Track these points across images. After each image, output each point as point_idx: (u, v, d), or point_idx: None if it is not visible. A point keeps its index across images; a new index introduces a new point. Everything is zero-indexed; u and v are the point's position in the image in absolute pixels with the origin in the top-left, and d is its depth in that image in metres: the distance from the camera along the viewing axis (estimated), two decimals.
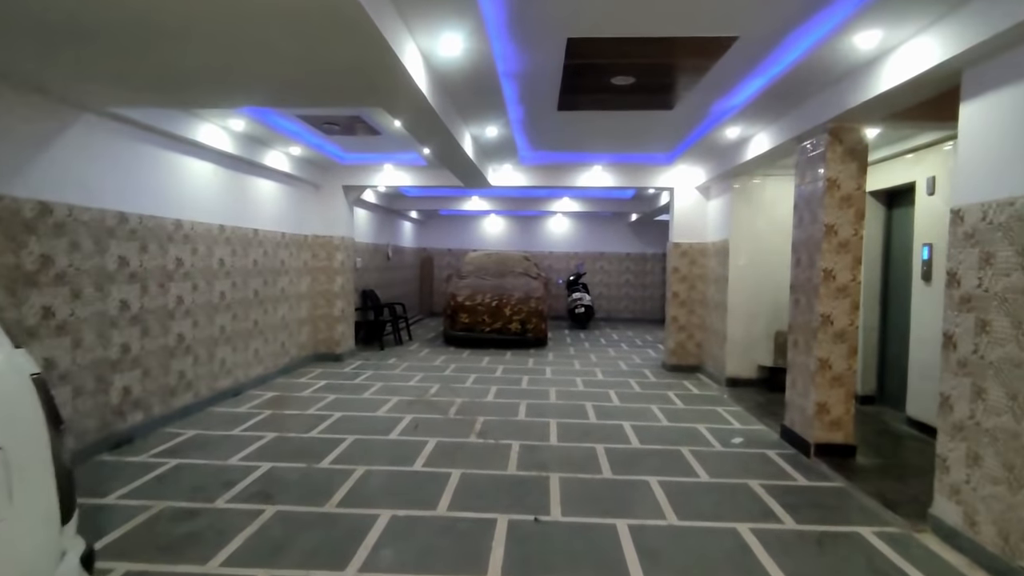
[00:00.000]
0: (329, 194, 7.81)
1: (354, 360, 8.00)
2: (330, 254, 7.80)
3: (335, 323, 7.83)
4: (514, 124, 5.59)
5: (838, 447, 4.23)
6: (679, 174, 7.54)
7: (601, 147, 6.69)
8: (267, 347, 6.52)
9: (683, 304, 7.63)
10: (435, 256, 14.64)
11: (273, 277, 6.64)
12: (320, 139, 6.38)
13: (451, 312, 9.42)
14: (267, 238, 6.49)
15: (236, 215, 5.87)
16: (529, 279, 10.31)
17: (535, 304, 9.40)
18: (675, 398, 6.15)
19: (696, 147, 6.20)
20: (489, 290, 9.64)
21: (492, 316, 9.29)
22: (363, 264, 9.72)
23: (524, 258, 11.08)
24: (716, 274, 7.08)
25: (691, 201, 7.59)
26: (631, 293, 14.20)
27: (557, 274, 14.07)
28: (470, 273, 10.48)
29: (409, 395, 6.04)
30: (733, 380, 6.63)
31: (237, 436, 4.58)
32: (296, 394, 6.00)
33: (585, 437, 4.72)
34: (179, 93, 3.80)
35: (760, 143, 5.32)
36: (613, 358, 8.67)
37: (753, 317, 6.60)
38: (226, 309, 5.67)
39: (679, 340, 7.64)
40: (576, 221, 14.24)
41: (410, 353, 8.74)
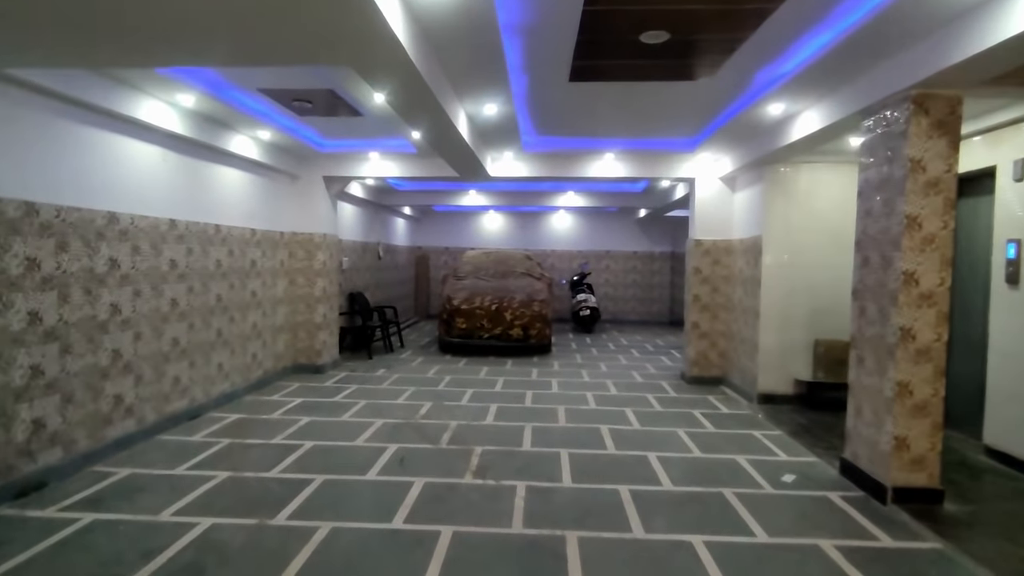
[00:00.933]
0: (308, 186, 6.97)
1: (337, 372, 7.16)
2: (310, 253, 6.96)
3: (316, 331, 7.00)
4: (517, 100, 4.76)
5: (921, 492, 3.41)
6: (702, 162, 6.72)
7: (615, 131, 5.86)
8: (234, 360, 5.69)
9: (705, 309, 6.80)
10: (431, 255, 13.81)
11: (241, 280, 5.80)
12: (292, 121, 5.54)
13: (447, 317, 8.59)
14: (233, 235, 5.65)
15: (192, 208, 5.03)
16: (532, 280, 9.47)
17: (538, 308, 8.57)
18: (703, 419, 5.32)
19: (726, 129, 5.37)
20: (488, 292, 8.81)
21: (491, 321, 8.46)
22: (350, 264, 8.89)
23: (526, 257, 10.25)
24: (745, 275, 6.25)
25: (714, 193, 6.76)
26: (638, 294, 13.38)
27: (560, 274, 13.24)
28: (468, 274, 9.65)
29: (396, 417, 5.21)
30: (766, 396, 5.81)
31: (180, 477, 3.75)
32: (264, 416, 5.17)
33: (605, 474, 3.89)
34: (84, 47, 2.96)
35: (808, 122, 4.49)
36: (625, 367, 7.85)
37: (789, 324, 5.77)
38: (180, 318, 4.83)
39: (700, 349, 6.82)
40: (580, 217, 13.41)
41: (401, 362, 7.90)
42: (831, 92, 4.10)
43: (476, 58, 3.72)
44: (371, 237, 10.10)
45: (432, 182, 9.65)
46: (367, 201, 9.65)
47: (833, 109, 4.12)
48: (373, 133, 5.99)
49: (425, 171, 6.98)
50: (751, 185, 6.19)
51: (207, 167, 5.28)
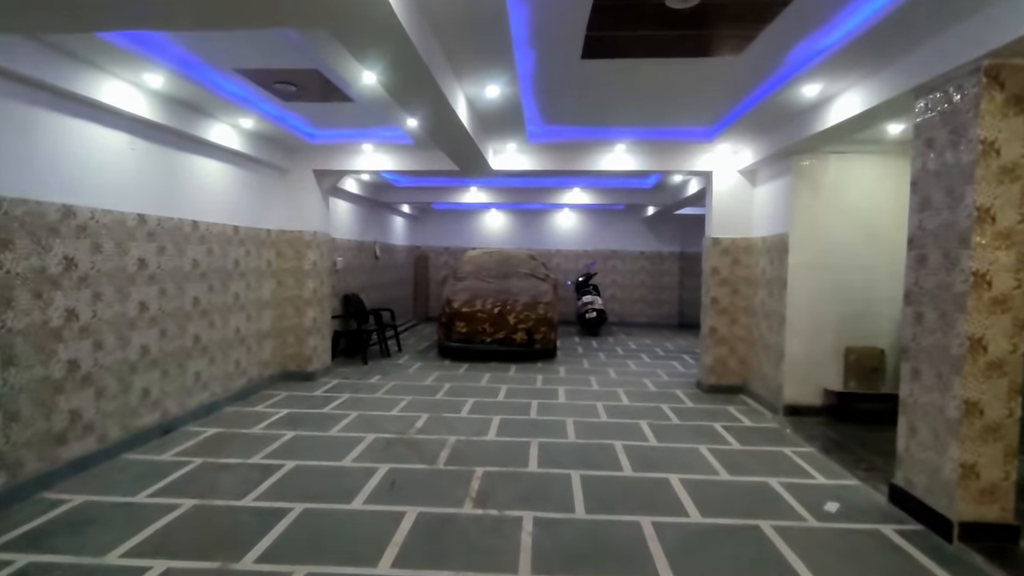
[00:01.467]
0: (297, 180, 6.52)
1: (329, 379, 6.70)
2: (299, 253, 6.50)
3: (306, 335, 6.54)
4: (522, 81, 4.30)
5: (994, 528, 2.94)
6: (720, 155, 6.24)
7: (628, 119, 5.39)
8: (214, 368, 5.23)
9: (724, 312, 6.33)
10: (430, 255, 13.35)
11: (222, 281, 5.35)
12: (277, 108, 5.08)
13: (446, 320, 8.13)
14: (213, 233, 5.20)
15: (165, 202, 4.58)
16: (536, 281, 9.01)
17: (543, 310, 8.11)
18: (725, 434, 4.85)
19: (749, 116, 4.90)
20: (490, 294, 8.35)
21: (494, 325, 8.00)
22: (344, 264, 8.44)
23: (530, 257, 9.78)
24: (768, 276, 5.78)
25: (733, 188, 6.29)
26: (646, 295, 12.91)
27: (565, 275, 12.77)
28: (468, 274, 9.19)
29: (389, 431, 4.75)
30: (792, 408, 5.34)
31: (140, 506, 3.29)
32: (245, 430, 4.71)
33: (623, 502, 3.43)
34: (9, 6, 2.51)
35: (847, 105, 4.02)
36: (635, 374, 7.38)
37: (817, 329, 5.30)
38: (150, 324, 4.38)
39: (719, 355, 6.34)
40: (586, 216, 12.94)
41: (397, 369, 7.44)
42: (879, 68, 3.63)
43: (477, 29, 3.26)
44: (367, 236, 9.65)
45: (431, 178, 9.22)
46: (363, 198, 9.19)
47: (879, 88, 3.65)
48: (366, 122, 5.54)
49: (423, 164, 6.53)
50: (774, 179, 5.72)
51: (183, 158, 4.83)
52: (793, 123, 4.84)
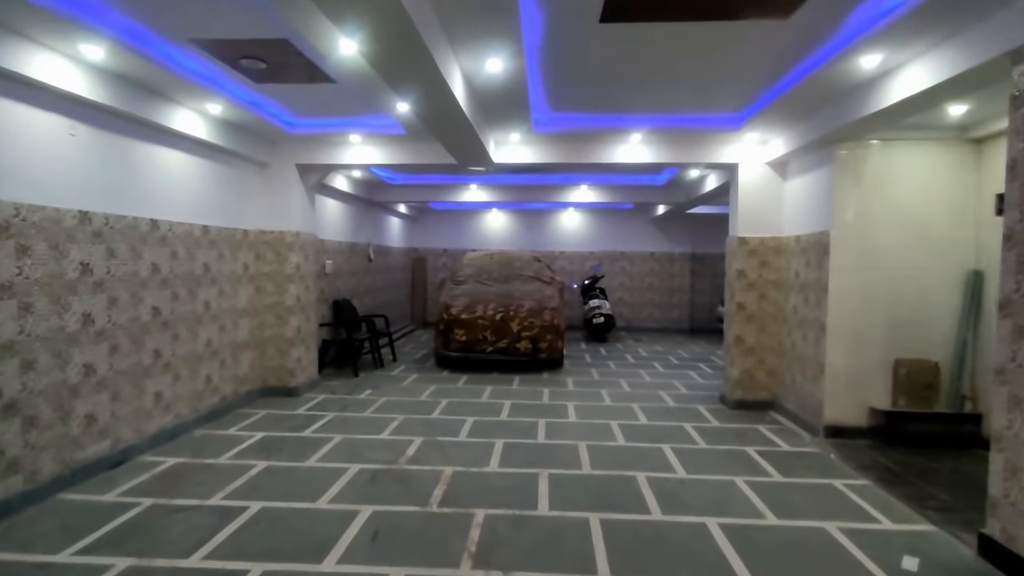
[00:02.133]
0: (278, 176, 5.91)
1: (314, 394, 6.08)
2: (281, 255, 5.89)
3: (288, 347, 5.92)
4: (529, 56, 3.69)
5: None
6: (747, 145, 5.62)
7: (646, 105, 4.78)
8: (179, 387, 4.62)
9: (751, 319, 5.70)
10: (428, 257, 12.74)
11: (189, 288, 4.74)
12: (249, 91, 4.47)
13: (444, 328, 7.51)
14: (176, 233, 4.58)
15: (115, 198, 3.96)
16: (541, 284, 8.39)
17: (549, 317, 7.48)
18: (763, 461, 4.22)
19: (788, 97, 4.28)
20: (492, 299, 7.73)
21: (496, 333, 7.37)
22: (334, 268, 7.82)
23: (534, 259, 9.16)
24: (803, 280, 5.16)
25: (761, 182, 5.67)
26: (656, 299, 12.28)
27: (570, 277, 12.15)
28: (468, 277, 8.57)
29: (376, 459, 4.13)
30: (835, 429, 4.71)
31: (60, 568, 2.67)
32: (210, 460, 4.10)
33: (655, 557, 2.80)
34: None
35: (914, 78, 3.40)
36: (650, 386, 6.76)
37: (862, 340, 4.68)
38: (96, 339, 3.77)
39: (746, 368, 5.71)
40: (592, 216, 12.32)
41: (391, 381, 6.82)
42: (961, 29, 3.01)
43: None
44: (360, 237, 9.04)
45: (428, 175, 8.61)
46: (355, 197, 8.59)
47: (960, 55, 3.03)
48: (352, 108, 4.93)
49: (417, 157, 5.91)
50: (809, 171, 5.10)
51: (139, 148, 4.22)
52: (840, 104, 4.22)
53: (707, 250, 12.12)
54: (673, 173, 7.79)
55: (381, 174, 8.34)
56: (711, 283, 12.14)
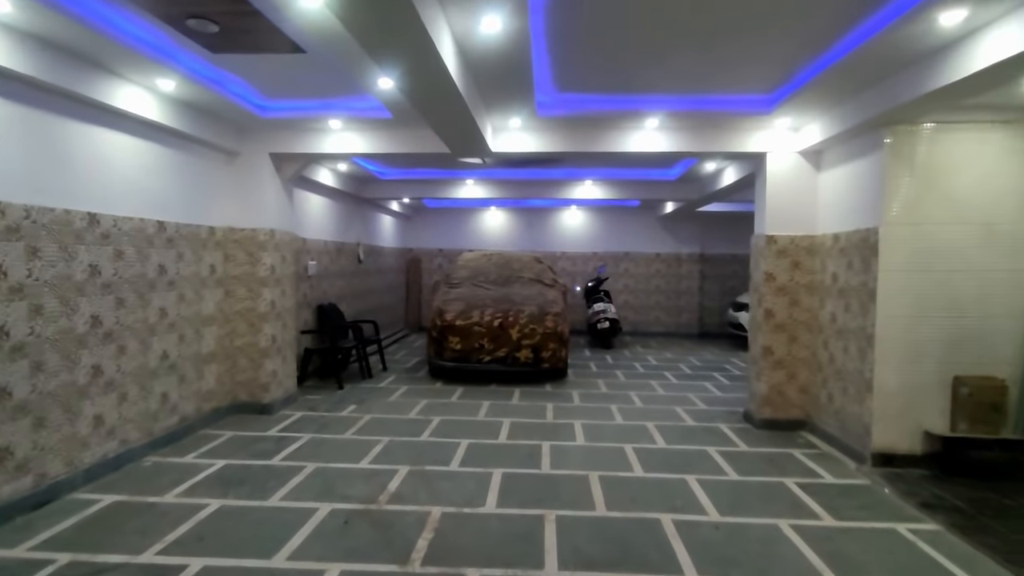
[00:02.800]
0: (249, 166, 5.28)
1: (291, 411, 5.45)
2: (253, 256, 5.26)
3: (262, 358, 5.29)
4: (534, 14, 3.06)
5: None
6: (777, 132, 5.00)
7: (665, 83, 4.16)
8: (126, 408, 3.98)
9: (781, 328, 5.07)
10: (423, 258, 12.11)
11: (139, 293, 4.10)
12: (209, 66, 3.84)
13: (437, 335, 6.87)
14: (123, 230, 3.95)
15: (39, 187, 3.33)
16: (543, 288, 7.76)
17: (552, 323, 6.85)
18: (807, 498, 3.60)
19: (833, 72, 3.66)
20: (490, 304, 7.10)
21: (494, 341, 6.74)
22: (318, 269, 7.19)
23: (535, 260, 8.54)
24: (844, 284, 4.54)
25: (792, 173, 5.05)
26: (663, 302, 11.65)
27: (572, 279, 11.52)
28: (464, 280, 7.94)
29: (352, 496, 3.50)
30: (885, 456, 4.09)
31: None
32: (155, 498, 3.46)
33: None
34: None
35: (1005, 40, 2.78)
36: (664, 400, 6.13)
37: (917, 354, 4.06)
38: (13, 356, 3.13)
39: (775, 382, 5.09)
40: (595, 214, 11.69)
41: (378, 395, 6.19)
42: None
43: None
44: (348, 236, 8.41)
45: (420, 169, 7.98)
46: (342, 193, 7.96)
47: None
48: (330, 87, 4.30)
49: (406, 146, 5.28)
50: (853, 160, 4.48)
51: (71, 128, 3.58)
52: (897, 80, 3.60)
53: (717, 251, 11.50)
54: (687, 167, 7.16)
55: (369, 167, 7.71)
56: (721, 285, 11.52)
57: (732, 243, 11.45)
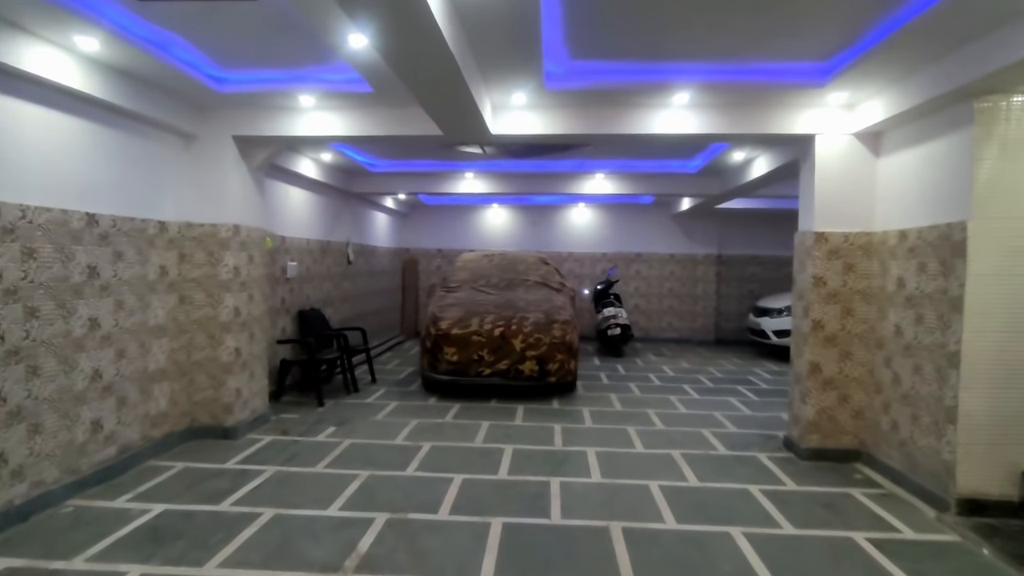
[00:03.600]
0: (209, 150, 4.54)
1: (260, 435, 4.71)
2: (214, 256, 4.52)
3: (224, 374, 4.55)
4: None
5: None
6: (830, 110, 4.24)
7: (698, 48, 3.41)
8: (40, 442, 3.24)
9: (831, 342, 4.30)
10: (421, 259, 11.36)
11: (63, 300, 3.37)
12: (141, 23, 3.10)
13: (432, 345, 6.11)
14: (35, 223, 3.22)
15: None
16: (550, 292, 7.01)
17: (560, 332, 6.09)
18: (887, 563, 2.83)
19: (912, 30, 2.91)
20: (491, 310, 6.34)
21: (494, 352, 5.98)
22: (299, 271, 6.46)
23: (541, 261, 7.79)
24: (914, 289, 3.77)
25: (846, 159, 4.29)
26: (676, 306, 10.88)
27: (579, 281, 10.76)
28: (462, 283, 7.20)
29: (312, 563, 2.75)
30: (973, 503, 3.32)
31: None
32: (58, 564, 2.72)
33: None
34: None
35: None
36: (687, 420, 5.38)
37: (1012, 377, 3.29)
38: None
39: (824, 405, 4.32)
40: (604, 212, 10.94)
41: (363, 413, 5.45)
42: None
43: None
44: (336, 235, 7.68)
45: (414, 161, 7.24)
46: (328, 187, 7.23)
47: None
48: (295, 54, 3.57)
49: (392, 127, 4.53)
50: (928, 140, 3.71)
51: None
52: (999, 36, 2.83)
53: (735, 251, 10.73)
54: (711, 156, 6.40)
55: (358, 158, 6.98)
56: (739, 289, 10.75)
57: (751, 243, 10.68)
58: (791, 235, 4.74)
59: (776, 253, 10.62)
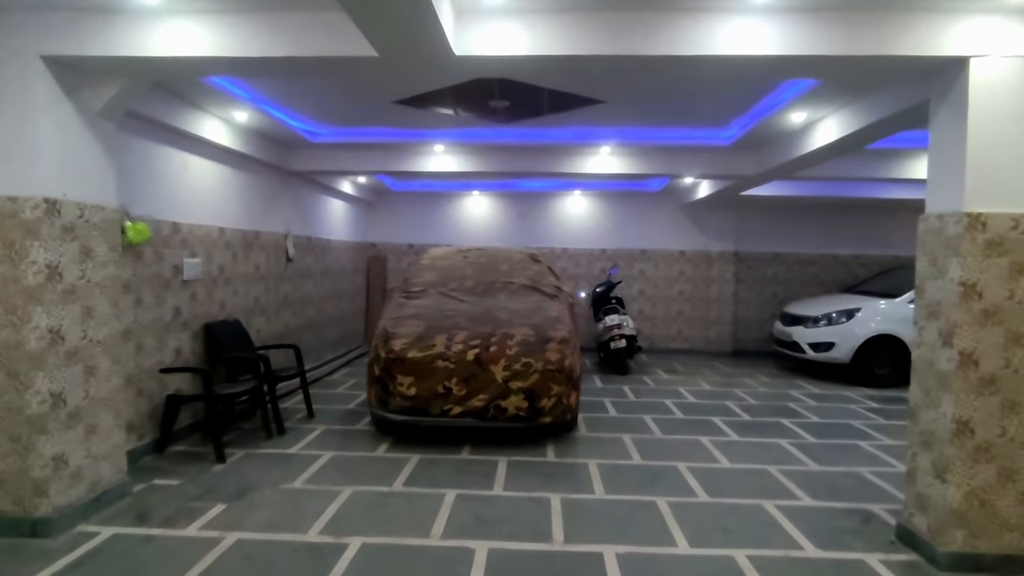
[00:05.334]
0: (2, 77, 2.87)
1: (96, 528, 3.04)
2: (13, 248, 2.85)
3: (33, 435, 2.88)
4: None
5: None
6: (993, 21, 2.67)
7: None
8: None
9: (991, 387, 2.73)
10: (389, 255, 9.70)
11: None
12: None
13: (381, 372, 4.45)
14: None
15: None
16: (542, 299, 5.38)
17: (557, 354, 4.45)
18: None
19: None
20: (463, 324, 4.70)
21: (467, 383, 4.35)
22: (206, 271, 4.79)
23: (530, 258, 6.16)
24: None
25: (1019, 98, 2.71)
26: (687, 312, 9.33)
27: (575, 283, 9.17)
28: (427, 287, 5.55)
29: None
30: None
31: None
32: None
33: None
34: None
35: None
36: (735, 481, 3.82)
37: None
38: None
39: (975, 484, 2.75)
40: (604, 201, 9.35)
41: (278, 474, 3.81)
42: None
43: None
44: (269, 224, 6.01)
45: (367, 129, 5.59)
46: (256, 162, 5.57)
47: None
48: None
49: (295, 43, 2.88)
50: None
51: None
52: None
53: (755, 248, 9.20)
54: (756, 120, 4.81)
55: (292, 123, 5.32)
56: (760, 292, 9.23)
57: (773, 238, 9.16)
58: (823, 228, 3.21)
59: (801, 250, 9.12)
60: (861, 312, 7.07)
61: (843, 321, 7.10)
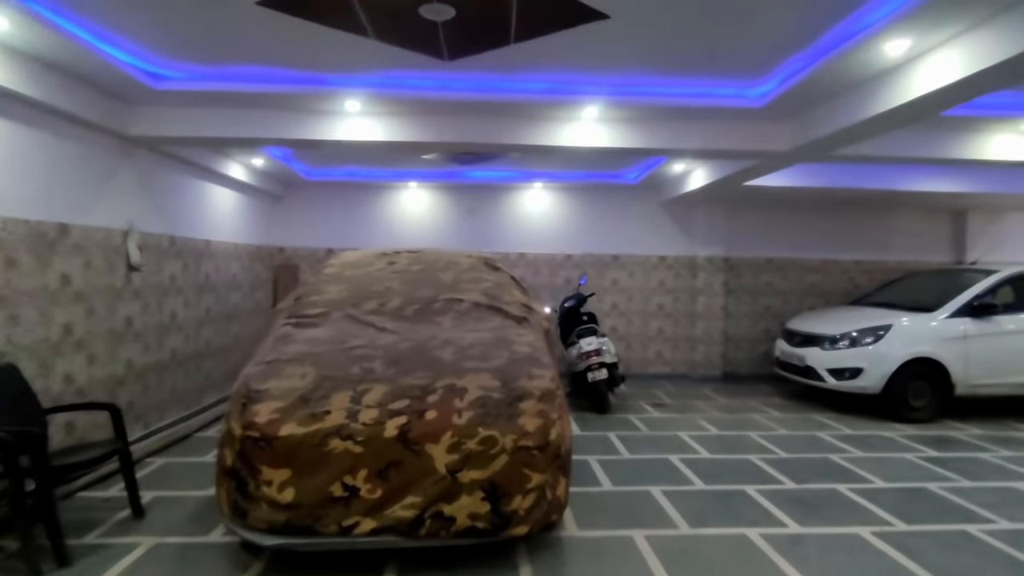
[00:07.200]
0: None
1: None
2: None
3: None
4: None
5: None
6: None
7: None
8: None
9: None
10: (303, 262, 7.71)
11: None
12: None
13: (236, 463, 2.57)
14: None
15: None
16: (505, 323, 3.57)
17: (536, 420, 2.69)
18: None
19: None
20: (379, 372, 2.86)
21: (382, 476, 2.53)
22: None
23: (485, 264, 4.38)
24: None
25: None
26: (668, 330, 7.82)
27: (536, 296, 7.47)
28: (330, 308, 3.63)
29: None
30: None
31: None
32: None
33: None
34: None
35: None
36: None
37: None
38: None
39: None
40: (571, 195, 7.74)
41: None
42: None
43: None
44: (95, 218, 4.00)
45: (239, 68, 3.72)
46: (67, 117, 3.57)
47: None
48: None
49: None
50: None
51: None
52: None
53: (748, 252, 7.80)
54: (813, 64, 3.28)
55: (117, 53, 3.38)
56: (752, 304, 7.83)
57: (765, 241, 7.80)
58: (823, 228, 1.80)
59: (798, 255, 7.81)
60: (892, 330, 5.71)
61: (869, 342, 5.72)
